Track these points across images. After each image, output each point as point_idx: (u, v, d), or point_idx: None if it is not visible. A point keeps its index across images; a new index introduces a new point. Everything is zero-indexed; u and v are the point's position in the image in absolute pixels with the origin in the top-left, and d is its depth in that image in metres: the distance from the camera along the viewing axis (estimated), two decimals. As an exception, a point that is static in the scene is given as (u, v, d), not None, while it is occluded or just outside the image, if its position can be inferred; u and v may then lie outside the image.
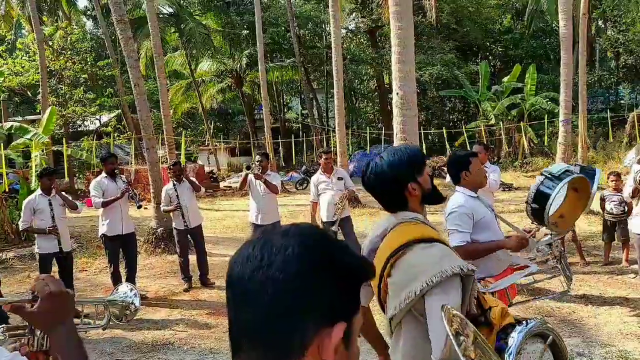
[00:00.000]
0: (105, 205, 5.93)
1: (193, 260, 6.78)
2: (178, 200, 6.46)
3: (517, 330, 1.89)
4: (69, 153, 15.11)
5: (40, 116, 15.41)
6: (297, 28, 23.54)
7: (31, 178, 10.25)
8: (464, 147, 18.96)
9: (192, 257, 6.79)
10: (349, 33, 28.12)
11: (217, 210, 14.06)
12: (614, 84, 24.93)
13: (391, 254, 1.69)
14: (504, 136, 19.98)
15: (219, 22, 25.42)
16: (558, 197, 2.64)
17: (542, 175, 2.61)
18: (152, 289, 6.67)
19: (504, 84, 20.60)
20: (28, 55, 18.19)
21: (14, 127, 11.24)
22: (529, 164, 18.78)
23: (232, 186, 17.98)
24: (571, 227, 3.26)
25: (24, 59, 18.11)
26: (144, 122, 8.90)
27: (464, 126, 21.39)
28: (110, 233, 6.05)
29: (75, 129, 19.80)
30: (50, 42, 18.31)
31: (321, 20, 25.22)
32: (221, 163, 24.19)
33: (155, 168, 8.83)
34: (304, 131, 27.78)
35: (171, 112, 18.24)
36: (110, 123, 19.84)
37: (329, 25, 15.45)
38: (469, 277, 1.67)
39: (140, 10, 22.00)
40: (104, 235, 6.09)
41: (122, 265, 6.26)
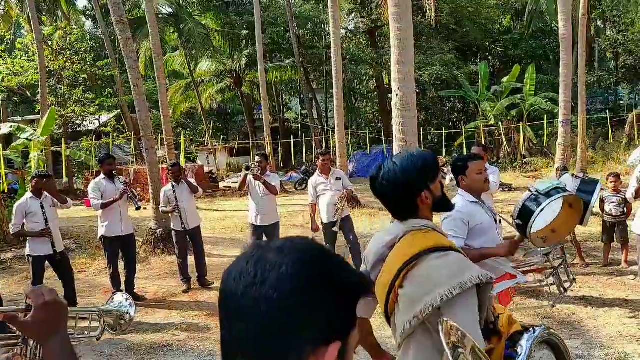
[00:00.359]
0: (104, 207, 5.92)
1: (192, 261, 6.77)
2: (177, 201, 6.45)
3: (525, 338, 1.88)
4: (68, 154, 15.10)
5: (39, 116, 15.41)
6: (297, 28, 23.53)
7: (28, 178, 10.23)
8: (463, 148, 18.95)
9: (191, 258, 6.78)
10: (349, 33, 28.11)
11: (217, 210, 14.05)
12: (614, 85, 24.94)
13: (404, 265, 1.62)
14: (504, 136, 19.98)
15: (219, 22, 25.40)
16: (551, 213, 2.63)
17: (529, 191, 2.60)
18: (151, 290, 6.66)
19: (504, 84, 20.60)
20: (27, 55, 18.15)
21: (13, 127, 11.22)
22: (529, 164, 18.79)
23: (232, 186, 17.96)
24: (561, 241, 3.24)
25: (23, 59, 18.08)
26: (143, 123, 8.89)
27: (464, 126, 21.39)
28: (109, 234, 6.05)
29: (74, 129, 19.77)
30: (49, 42, 18.29)
31: (321, 20, 25.21)
32: (220, 163, 24.19)
33: (154, 169, 8.82)
34: (304, 131, 27.78)
35: (170, 112, 18.23)
36: (109, 123, 19.81)
37: (329, 25, 15.45)
38: (487, 286, 1.61)
39: (139, 10, 21.98)
40: (103, 236, 6.09)
41: (122, 266, 6.26)
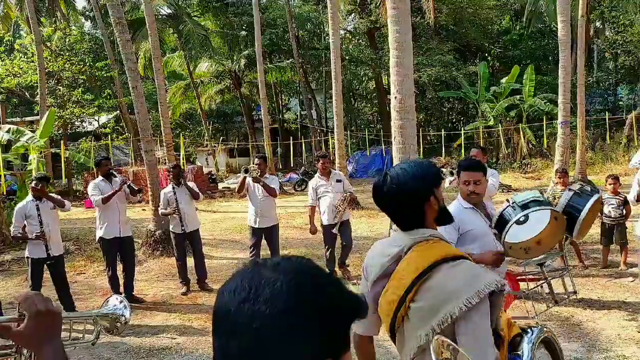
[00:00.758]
0: (105, 201, 5.92)
1: (191, 263, 6.76)
2: (177, 203, 6.43)
3: (525, 340, 1.89)
4: (67, 156, 15.09)
5: (38, 117, 15.39)
6: (296, 29, 23.52)
7: (28, 180, 10.22)
8: (462, 149, 18.96)
9: (191, 261, 6.77)
10: (348, 34, 28.11)
11: (216, 212, 14.05)
12: (613, 85, 24.97)
13: (416, 278, 1.58)
14: (502, 137, 19.99)
15: (218, 23, 25.41)
16: (535, 225, 2.64)
17: (507, 202, 2.60)
18: (150, 293, 6.65)
19: (503, 85, 20.60)
20: (26, 56, 18.14)
21: (12, 131, 11.21)
22: (528, 165, 18.80)
23: (231, 187, 17.96)
24: (545, 252, 3.22)
25: (22, 60, 18.06)
26: (142, 125, 8.88)
27: (463, 127, 21.39)
28: (107, 236, 6.04)
29: (73, 130, 19.77)
30: (48, 43, 18.28)
31: (320, 21, 25.22)
32: (220, 164, 24.18)
33: (153, 171, 8.80)
34: (303, 132, 27.78)
35: (170, 113, 18.21)
36: (108, 124, 19.81)
37: (328, 26, 15.45)
38: (499, 293, 1.59)
39: (138, 11, 21.95)
40: (102, 238, 6.08)
41: (121, 268, 6.26)
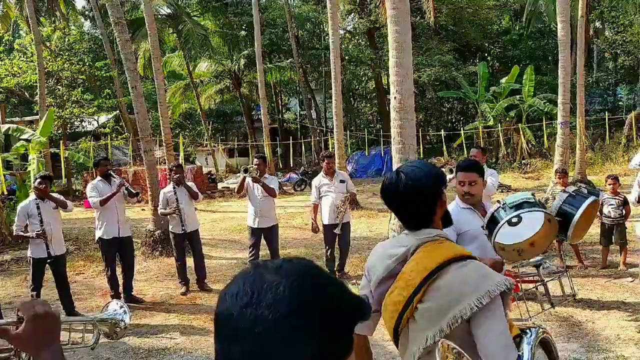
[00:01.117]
0: (103, 203, 5.92)
1: (191, 263, 6.75)
2: (177, 203, 6.43)
3: (525, 341, 1.89)
4: (66, 156, 15.08)
5: (37, 117, 15.38)
6: (295, 29, 23.52)
7: (29, 180, 10.22)
8: (462, 149, 18.96)
9: (190, 261, 6.77)
10: (347, 34, 28.12)
11: (215, 212, 14.05)
12: (612, 85, 24.99)
13: (425, 279, 1.57)
14: (502, 137, 19.99)
15: (217, 23, 25.40)
16: (529, 226, 2.63)
17: (498, 202, 2.60)
18: (149, 293, 6.64)
19: (503, 85, 20.61)
20: (25, 56, 18.14)
21: (11, 129, 11.21)
22: (527, 165, 18.81)
23: (230, 187, 17.96)
24: (538, 254, 3.22)
25: (22, 60, 18.06)
26: (142, 125, 8.87)
27: (463, 127, 21.39)
28: (106, 236, 6.04)
29: (73, 130, 19.76)
30: (48, 43, 18.27)
31: (319, 21, 25.22)
32: (219, 164, 24.17)
33: (152, 171, 8.79)
34: (302, 132, 27.78)
35: (169, 113, 18.22)
36: (108, 124, 19.80)
37: (327, 26, 15.45)
38: (507, 293, 1.59)
39: (138, 11, 21.95)
40: (101, 239, 6.08)
41: (120, 268, 6.25)
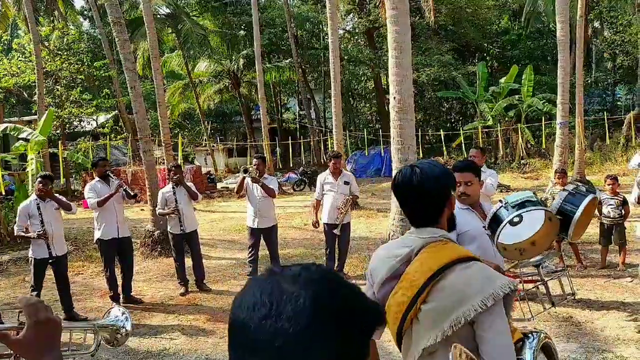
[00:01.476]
0: (101, 204, 5.91)
1: (190, 263, 6.74)
2: (176, 203, 6.41)
3: (527, 346, 1.89)
4: (65, 156, 15.07)
5: (36, 117, 15.36)
6: (295, 29, 23.52)
7: (27, 180, 10.19)
8: (461, 149, 18.97)
9: (189, 261, 6.76)
10: (347, 34, 28.11)
11: (214, 212, 14.03)
12: (611, 85, 25.02)
13: (429, 279, 1.57)
14: (501, 137, 20.01)
15: (216, 23, 25.40)
16: (530, 225, 2.63)
17: (500, 202, 2.60)
18: (148, 293, 6.63)
19: (502, 85, 20.63)
20: (24, 55, 18.11)
21: (9, 128, 11.17)
22: (526, 165, 18.82)
23: (230, 187, 17.96)
24: (540, 253, 3.21)
25: (20, 60, 18.03)
26: (141, 125, 8.86)
27: (462, 127, 21.41)
28: (105, 237, 6.03)
29: (71, 130, 19.73)
30: (46, 43, 18.24)
31: (318, 20, 25.22)
32: (218, 164, 24.16)
33: (152, 171, 8.78)
34: (302, 132, 27.78)
35: (168, 113, 18.20)
36: (107, 124, 19.77)
37: (327, 25, 15.45)
38: (511, 295, 1.59)
39: (137, 10, 21.93)
40: (100, 239, 6.07)
41: (118, 269, 6.24)
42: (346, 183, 6.66)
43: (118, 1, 9.28)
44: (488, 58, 25.54)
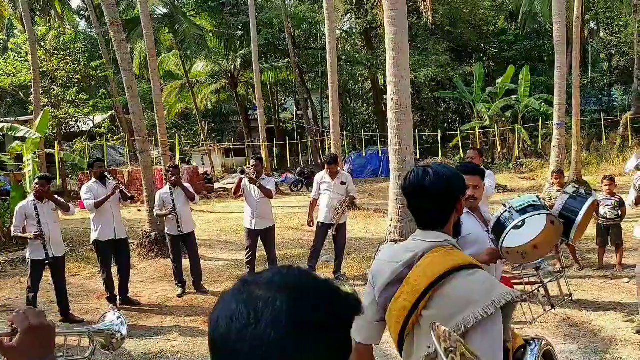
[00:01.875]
0: (97, 205, 5.89)
1: (187, 264, 6.72)
2: (174, 204, 6.39)
3: (529, 353, 1.88)
4: (62, 157, 15.01)
5: (32, 117, 15.29)
6: (292, 29, 23.51)
7: (24, 181, 10.14)
8: (459, 149, 19.00)
9: (186, 262, 6.74)
10: (344, 34, 28.12)
11: (211, 212, 14.00)
12: (607, 86, 25.09)
13: (430, 285, 1.56)
14: (498, 138, 20.05)
15: (214, 23, 25.35)
16: (532, 229, 2.61)
17: (504, 206, 2.58)
18: (145, 294, 6.61)
19: (498, 86, 20.67)
20: (20, 55, 18.03)
21: (5, 128, 11.11)
22: (523, 166, 18.87)
23: (227, 187, 17.92)
24: (542, 257, 3.21)
25: (16, 60, 17.96)
26: (138, 126, 8.83)
27: (459, 127, 21.43)
28: (102, 238, 6.00)
29: (68, 130, 19.65)
30: (42, 43, 18.16)
31: (316, 21, 25.20)
32: (215, 164, 24.12)
33: (148, 172, 8.75)
34: (299, 132, 27.76)
35: (165, 113, 18.13)
36: (103, 124, 19.71)
37: (324, 26, 15.44)
38: (511, 304, 1.57)
39: (134, 11, 21.86)
40: (96, 241, 6.04)
41: (115, 270, 6.22)
42: (343, 183, 6.65)
43: (115, 1, 9.24)
44: (485, 58, 25.58)
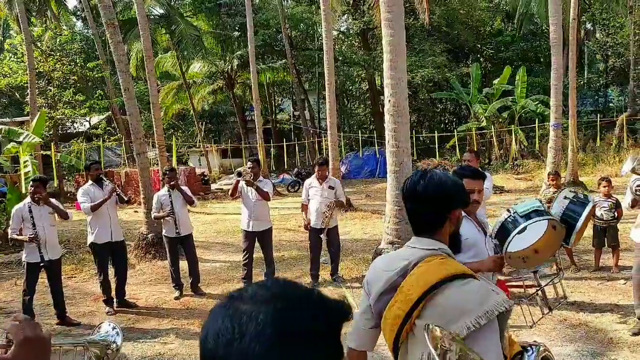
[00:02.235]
0: (94, 209, 5.87)
1: (184, 266, 6.71)
2: (172, 206, 6.38)
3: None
4: (58, 158, 14.95)
5: (28, 118, 15.23)
6: (289, 30, 23.50)
7: (21, 183, 10.10)
8: (455, 150, 19.03)
9: (184, 264, 6.73)
10: (341, 35, 28.13)
11: (208, 213, 13.97)
12: (603, 87, 25.19)
13: (424, 294, 1.55)
14: (495, 139, 20.09)
15: (210, 24, 25.33)
16: (533, 234, 2.61)
17: (508, 211, 2.58)
18: (142, 297, 6.59)
19: (495, 87, 20.72)
20: (16, 56, 17.96)
21: (4, 130, 11.07)
22: (520, 167, 18.92)
23: (224, 188, 17.89)
24: (543, 262, 3.21)
25: (12, 60, 17.90)
26: (134, 127, 8.81)
27: (456, 128, 21.47)
28: (99, 241, 5.98)
29: (64, 131, 19.58)
30: (38, 43, 18.10)
31: (313, 22, 25.21)
32: (212, 165, 24.08)
33: (145, 173, 8.72)
34: (296, 133, 27.75)
35: (162, 114, 18.11)
36: (100, 125, 19.66)
37: (321, 27, 15.43)
38: (507, 313, 1.56)
39: (130, 11, 21.82)
40: (93, 243, 6.02)
41: (112, 273, 6.20)
42: (331, 188, 6.63)
43: (111, 2, 9.22)
44: (482, 59, 25.64)
